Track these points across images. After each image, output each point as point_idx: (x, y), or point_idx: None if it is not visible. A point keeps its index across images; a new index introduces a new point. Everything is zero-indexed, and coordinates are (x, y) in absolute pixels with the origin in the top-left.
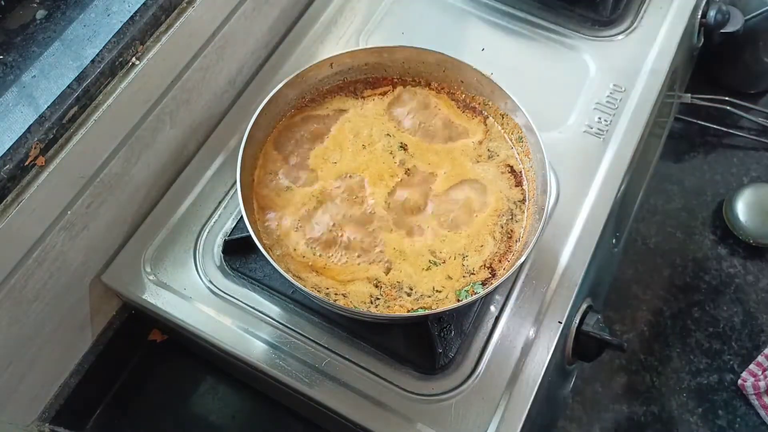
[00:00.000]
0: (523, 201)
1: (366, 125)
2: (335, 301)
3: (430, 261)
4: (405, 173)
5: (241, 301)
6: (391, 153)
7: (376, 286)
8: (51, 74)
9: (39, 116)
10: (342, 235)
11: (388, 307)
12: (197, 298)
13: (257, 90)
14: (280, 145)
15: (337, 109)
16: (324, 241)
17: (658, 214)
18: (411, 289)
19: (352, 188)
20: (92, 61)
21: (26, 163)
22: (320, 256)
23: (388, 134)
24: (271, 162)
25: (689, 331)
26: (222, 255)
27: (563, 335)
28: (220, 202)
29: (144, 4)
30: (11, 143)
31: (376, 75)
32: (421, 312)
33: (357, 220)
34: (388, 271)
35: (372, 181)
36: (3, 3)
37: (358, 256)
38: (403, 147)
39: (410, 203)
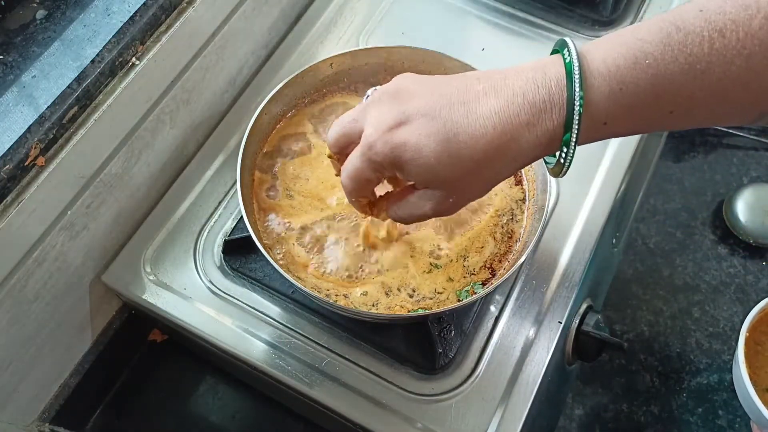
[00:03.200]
0: (523, 200)
1: None
2: (335, 301)
3: (431, 264)
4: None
5: (241, 301)
6: None
7: (387, 294)
8: (51, 74)
9: (39, 116)
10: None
11: (389, 307)
12: (197, 298)
13: (257, 90)
14: (280, 147)
15: (340, 102)
16: (321, 251)
17: (658, 214)
18: (414, 291)
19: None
20: (92, 61)
21: (26, 163)
22: (321, 267)
23: None
24: (271, 163)
25: (689, 331)
26: (222, 255)
27: (563, 335)
28: (220, 202)
29: (144, 4)
30: (11, 143)
31: (377, 75)
32: (421, 312)
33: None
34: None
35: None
36: (3, 3)
37: (359, 268)
38: None
39: None
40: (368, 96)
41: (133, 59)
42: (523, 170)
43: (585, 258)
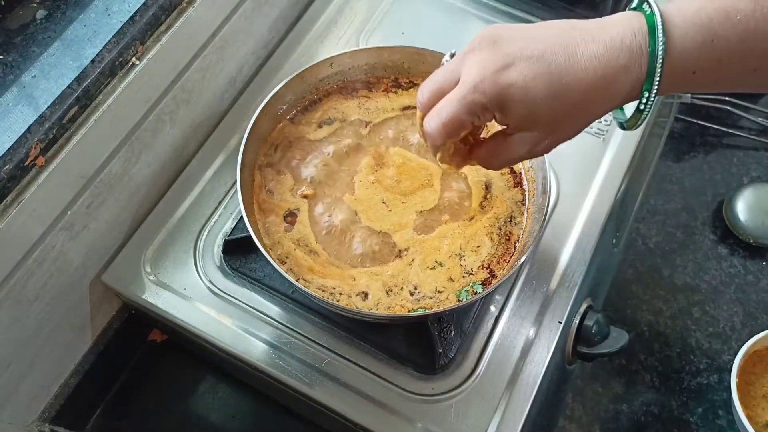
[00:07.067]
0: (522, 202)
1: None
2: (337, 301)
3: (435, 261)
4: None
5: (241, 301)
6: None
7: (387, 294)
8: (51, 74)
9: (39, 116)
10: (353, 237)
11: (389, 307)
12: (197, 298)
13: (257, 90)
14: (280, 147)
15: (340, 102)
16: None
17: (658, 214)
18: (415, 288)
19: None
20: (92, 61)
21: (26, 163)
22: (325, 255)
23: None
24: (271, 163)
25: (689, 331)
26: (222, 255)
27: (563, 335)
28: (220, 202)
29: (144, 4)
30: (11, 143)
31: (376, 75)
32: (421, 312)
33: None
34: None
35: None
36: (3, 3)
37: (368, 258)
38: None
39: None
40: (445, 60)
41: (133, 59)
42: (523, 170)
43: (585, 258)
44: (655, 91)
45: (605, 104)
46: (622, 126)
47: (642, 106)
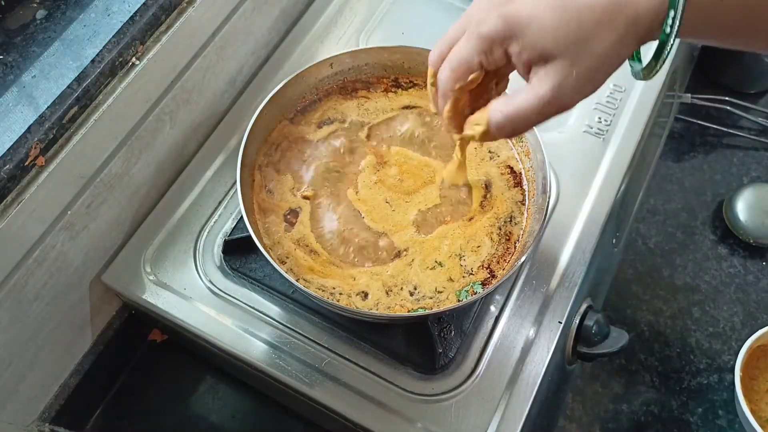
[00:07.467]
0: (522, 202)
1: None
2: (337, 301)
3: (435, 261)
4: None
5: (241, 301)
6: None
7: (387, 294)
8: (51, 74)
9: (39, 116)
10: (354, 237)
11: (389, 307)
12: (197, 298)
13: (257, 90)
14: (280, 147)
15: (340, 102)
16: (336, 239)
17: (658, 214)
18: (415, 288)
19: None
20: (92, 61)
21: (26, 163)
22: (327, 253)
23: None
24: (271, 163)
25: (689, 331)
26: (222, 255)
27: (563, 335)
28: (220, 202)
29: (144, 4)
30: (11, 143)
31: (376, 75)
32: (421, 312)
33: (363, 221)
34: (400, 260)
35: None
36: (3, 3)
37: (368, 256)
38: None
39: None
40: None
41: (133, 59)
42: (523, 171)
43: (585, 258)
44: (680, 12)
45: (629, 28)
46: (639, 75)
47: (667, 29)
